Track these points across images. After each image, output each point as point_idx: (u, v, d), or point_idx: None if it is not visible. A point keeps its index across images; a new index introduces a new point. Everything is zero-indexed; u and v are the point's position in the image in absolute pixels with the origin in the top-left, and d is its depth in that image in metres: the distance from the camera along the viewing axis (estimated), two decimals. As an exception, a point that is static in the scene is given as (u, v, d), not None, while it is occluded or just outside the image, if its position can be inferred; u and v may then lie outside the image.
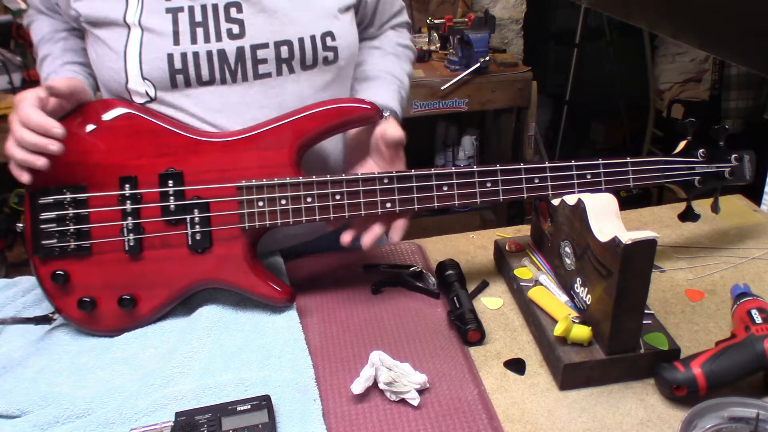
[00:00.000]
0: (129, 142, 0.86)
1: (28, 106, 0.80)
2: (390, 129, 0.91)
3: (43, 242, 0.85)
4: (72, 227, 0.85)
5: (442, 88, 2.31)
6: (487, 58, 2.34)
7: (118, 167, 0.86)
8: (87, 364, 0.83)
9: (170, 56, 0.88)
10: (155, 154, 0.86)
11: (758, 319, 0.78)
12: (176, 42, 0.89)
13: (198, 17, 0.89)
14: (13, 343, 0.87)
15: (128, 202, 0.86)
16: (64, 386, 0.79)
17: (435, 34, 2.68)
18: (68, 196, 0.85)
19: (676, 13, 1.28)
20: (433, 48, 2.64)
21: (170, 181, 0.86)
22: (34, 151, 0.79)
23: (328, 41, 0.95)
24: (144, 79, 0.89)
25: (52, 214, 0.85)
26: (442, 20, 2.64)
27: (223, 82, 0.91)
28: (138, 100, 0.91)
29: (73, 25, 1.00)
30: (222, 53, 0.90)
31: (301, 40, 0.93)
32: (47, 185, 0.85)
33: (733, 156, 0.96)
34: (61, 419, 0.73)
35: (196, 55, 0.89)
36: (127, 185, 0.85)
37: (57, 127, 0.79)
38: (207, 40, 0.89)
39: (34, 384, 0.80)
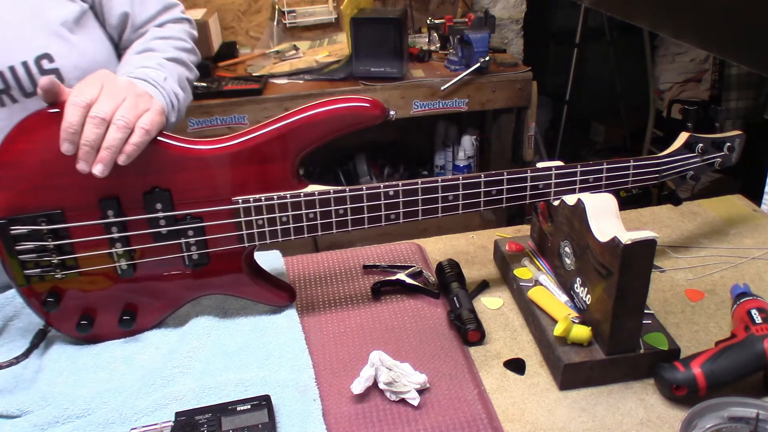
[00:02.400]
0: None
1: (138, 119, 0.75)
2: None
3: (26, 272, 0.80)
4: (55, 258, 0.80)
5: (442, 88, 2.31)
6: (487, 58, 2.34)
7: (96, 189, 0.78)
8: (87, 364, 0.83)
9: None
10: (136, 172, 0.78)
11: (758, 319, 0.78)
12: None
13: None
14: (13, 343, 0.87)
15: (114, 228, 0.80)
16: (64, 386, 0.79)
17: (435, 34, 2.68)
18: (45, 227, 0.78)
19: (676, 13, 1.28)
20: (433, 48, 2.64)
21: (158, 204, 0.79)
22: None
23: (45, 64, 0.88)
24: None
25: (30, 245, 0.78)
26: (442, 20, 2.64)
27: None
28: None
29: None
30: None
31: (12, 69, 0.87)
32: (16, 213, 0.77)
33: (727, 145, 0.96)
34: (61, 419, 0.73)
35: None
36: (110, 211, 0.78)
37: (123, 162, 0.75)
38: None
39: (34, 384, 0.80)
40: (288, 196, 0.81)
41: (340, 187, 0.83)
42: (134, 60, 0.99)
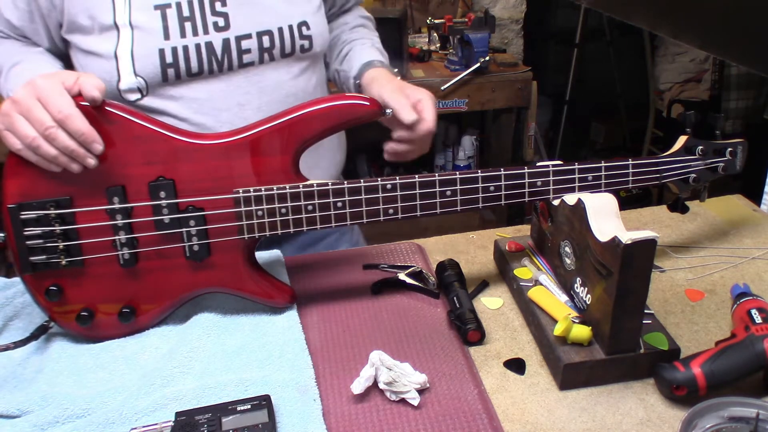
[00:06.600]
0: (113, 150, 0.80)
1: (70, 105, 0.76)
2: (403, 114, 0.93)
3: (32, 259, 0.81)
4: (61, 244, 0.81)
5: (442, 88, 2.31)
6: (487, 58, 2.34)
7: (103, 177, 0.80)
8: (87, 364, 0.83)
9: (162, 51, 0.92)
10: (142, 161, 0.80)
11: (758, 319, 0.78)
12: (166, 37, 0.93)
13: (185, 12, 0.93)
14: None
15: (119, 216, 0.81)
16: (64, 386, 0.79)
17: (435, 34, 2.68)
18: (53, 211, 0.80)
19: (676, 13, 1.28)
20: (433, 48, 2.65)
21: (162, 192, 0.81)
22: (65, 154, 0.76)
23: (304, 30, 1.01)
24: (137, 76, 0.92)
25: (37, 230, 0.80)
26: (442, 20, 2.64)
27: (211, 72, 0.96)
28: (130, 97, 0.95)
29: (44, 47, 1.01)
30: (210, 45, 0.94)
31: (280, 30, 0.99)
32: (27, 199, 0.80)
33: (729, 150, 0.96)
34: (61, 419, 0.73)
35: (185, 48, 0.93)
36: (116, 198, 0.80)
37: (99, 143, 0.78)
38: (195, 33, 0.94)
39: (34, 384, 0.80)
40: (287, 187, 0.82)
41: (338, 181, 0.84)
42: (359, 32, 1.19)
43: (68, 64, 1.01)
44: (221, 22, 0.95)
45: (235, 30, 0.96)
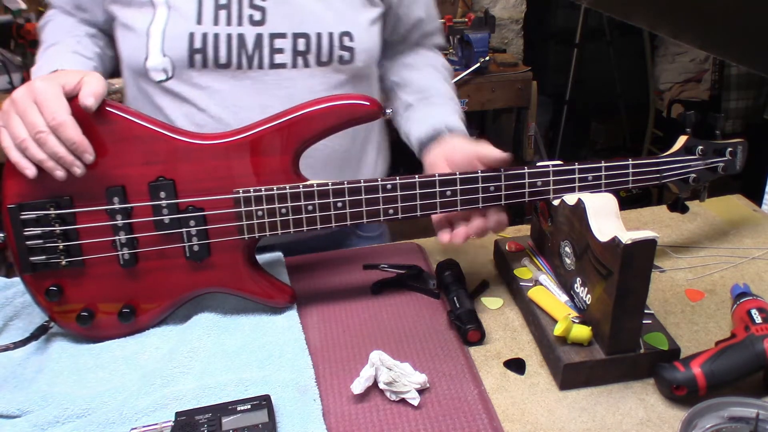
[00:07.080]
0: (113, 150, 0.80)
1: (64, 112, 0.76)
2: (486, 151, 0.89)
3: (32, 259, 0.81)
4: (61, 244, 0.81)
5: (442, 88, 2.31)
6: (487, 58, 2.34)
7: (103, 177, 0.80)
8: (87, 364, 0.83)
9: (191, 35, 0.92)
10: (142, 161, 0.81)
11: (758, 319, 0.78)
12: (199, 21, 0.92)
13: (222, 0, 0.92)
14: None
15: (119, 216, 0.81)
16: (64, 386, 0.79)
17: (435, 34, 2.68)
18: (53, 212, 0.80)
19: (676, 13, 1.28)
20: (433, 48, 2.64)
21: (162, 192, 0.81)
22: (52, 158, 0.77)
23: (346, 41, 0.97)
24: (164, 56, 0.92)
25: (37, 230, 0.81)
26: (442, 20, 2.64)
27: (239, 67, 0.94)
28: (155, 77, 0.95)
29: (95, 23, 1.03)
30: (241, 38, 0.93)
31: (318, 36, 0.95)
32: (27, 199, 0.80)
33: (729, 150, 0.96)
34: (61, 419, 0.73)
35: (216, 36, 0.92)
36: (116, 198, 0.81)
37: (89, 154, 0.78)
38: (228, 23, 0.92)
39: (34, 384, 0.80)
40: (287, 187, 0.82)
41: (338, 181, 0.84)
42: (446, 86, 1.13)
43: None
44: (257, 15, 0.93)
45: (270, 26, 0.93)
